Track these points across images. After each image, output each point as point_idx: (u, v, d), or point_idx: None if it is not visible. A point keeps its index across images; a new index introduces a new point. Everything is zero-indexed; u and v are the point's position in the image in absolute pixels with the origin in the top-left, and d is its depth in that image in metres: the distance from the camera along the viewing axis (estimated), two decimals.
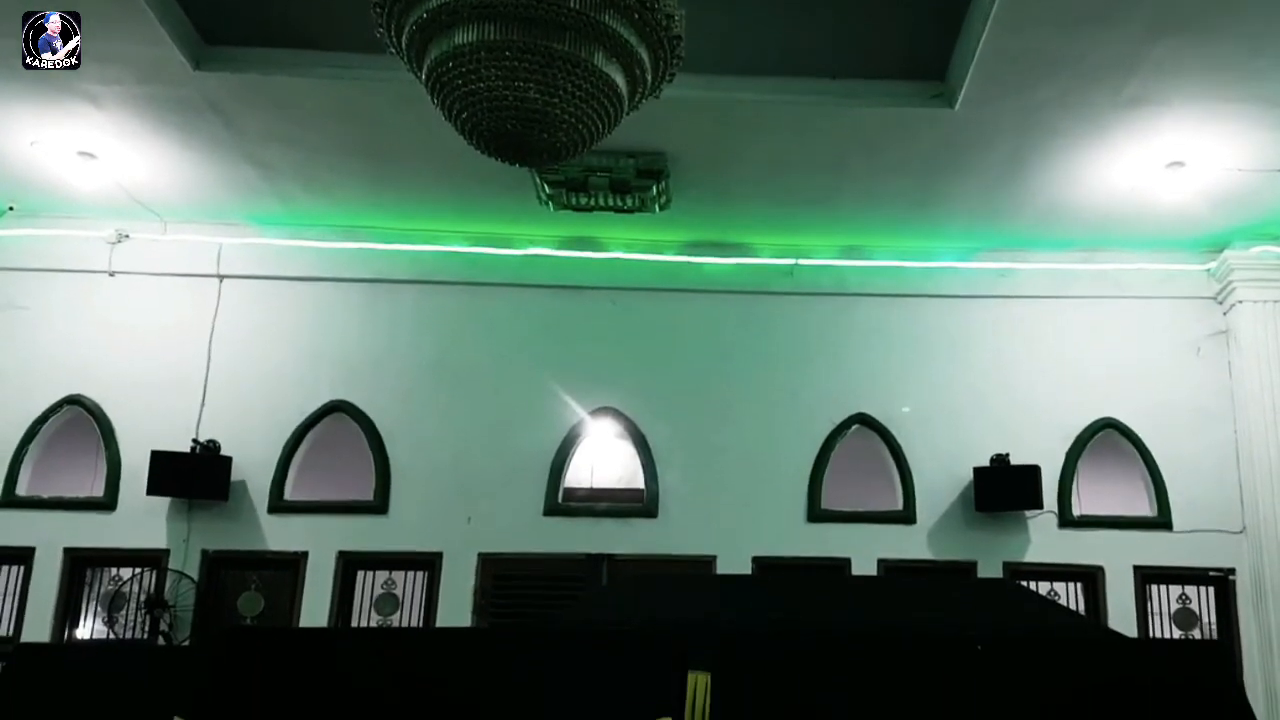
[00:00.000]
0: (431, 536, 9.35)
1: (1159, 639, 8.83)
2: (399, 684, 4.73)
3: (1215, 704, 4.70)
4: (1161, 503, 9.46)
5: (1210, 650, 6.42)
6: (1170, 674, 4.84)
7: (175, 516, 9.33)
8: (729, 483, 9.49)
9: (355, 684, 4.71)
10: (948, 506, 9.46)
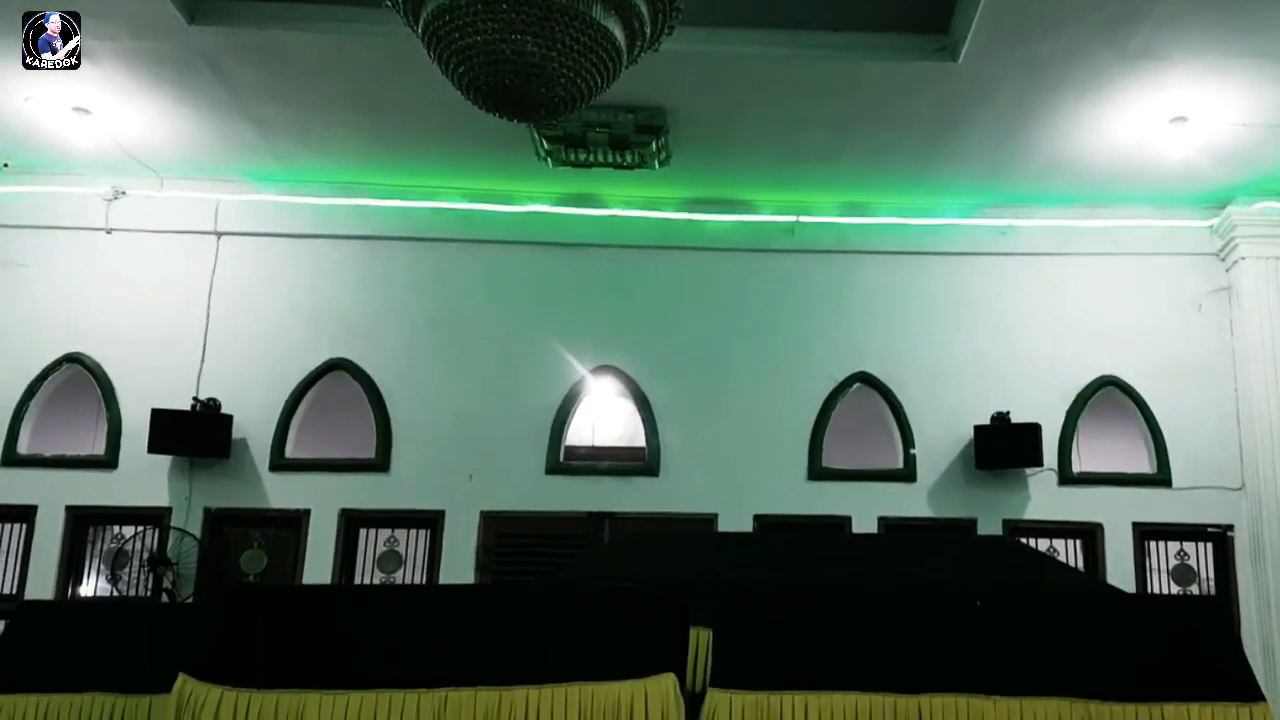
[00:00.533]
0: (433, 495, 9.38)
1: (1157, 595, 8.88)
2: (402, 641, 4.75)
3: (1213, 659, 4.73)
4: (1161, 460, 9.47)
5: (1208, 606, 6.47)
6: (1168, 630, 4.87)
7: (177, 474, 9.35)
8: (730, 441, 9.50)
9: (358, 641, 4.73)
10: (948, 464, 9.48)
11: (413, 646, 4.69)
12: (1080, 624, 4.90)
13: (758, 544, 8.01)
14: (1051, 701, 4.50)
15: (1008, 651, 4.72)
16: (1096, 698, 4.50)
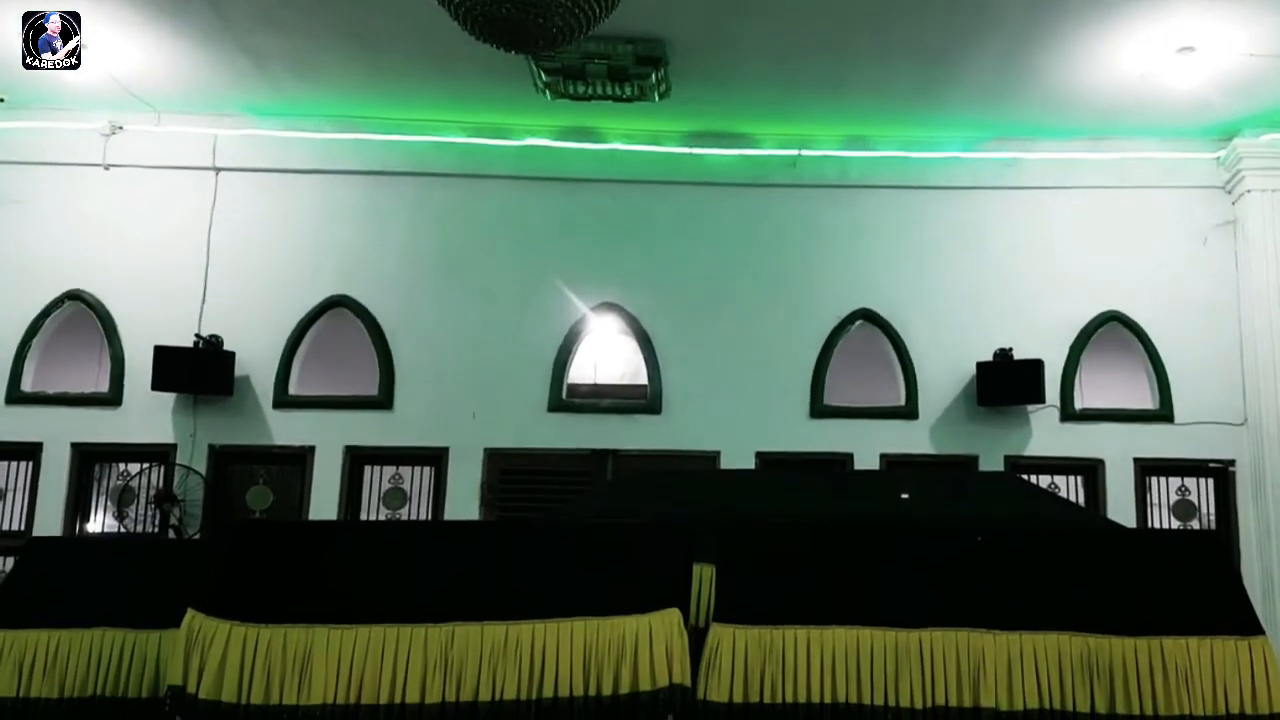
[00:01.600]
0: (437, 432, 9.41)
1: (1157, 530, 8.94)
2: (409, 576, 4.79)
3: (1212, 594, 4.77)
4: (1163, 395, 9.48)
5: (1208, 541, 6.51)
6: (1168, 564, 4.90)
7: (181, 412, 9.37)
8: (732, 378, 9.50)
9: (366, 577, 4.77)
10: (950, 401, 9.49)
11: (419, 582, 4.73)
12: (1080, 559, 4.93)
13: (760, 481, 8.05)
14: (1051, 635, 4.54)
15: (1008, 586, 4.76)
16: (1096, 631, 4.55)
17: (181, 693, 4.43)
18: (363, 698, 4.40)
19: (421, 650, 4.46)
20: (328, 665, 4.44)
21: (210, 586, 4.68)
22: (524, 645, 4.46)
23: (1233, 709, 4.40)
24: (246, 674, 4.45)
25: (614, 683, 4.40)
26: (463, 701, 4.37)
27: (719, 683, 4.39)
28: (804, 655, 4.45)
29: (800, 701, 4.38)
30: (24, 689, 4.90)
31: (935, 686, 4.43)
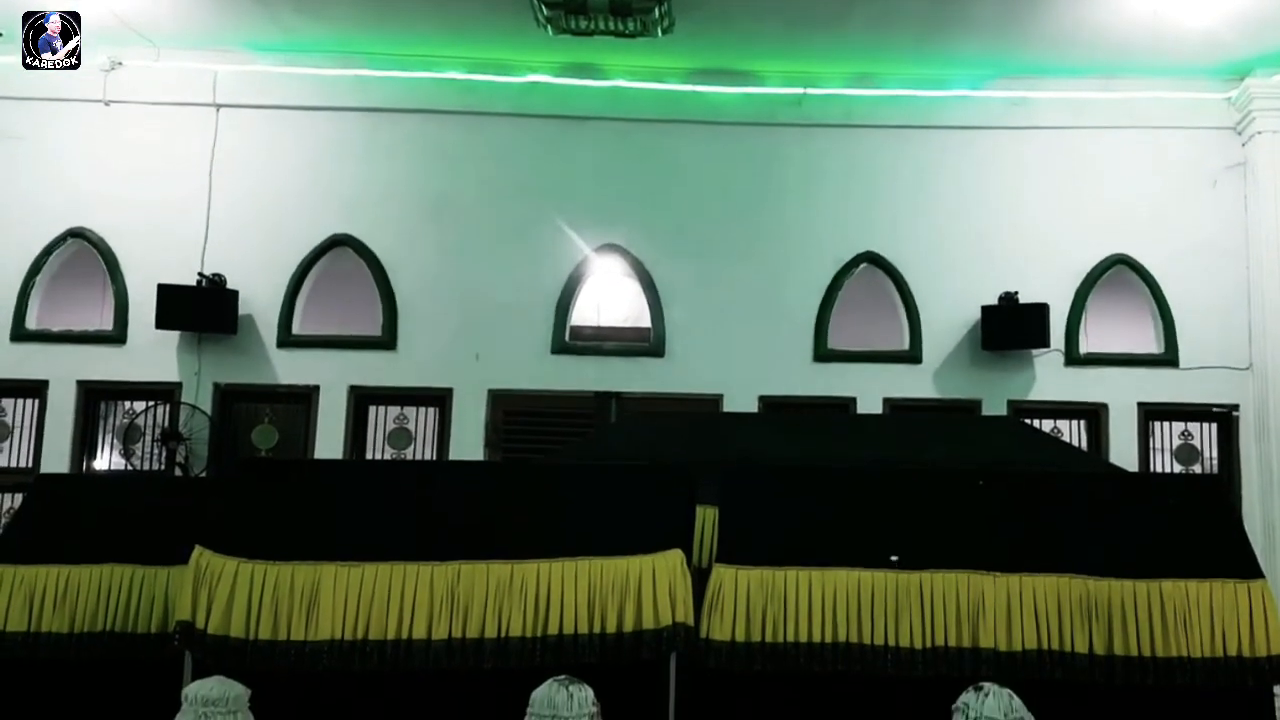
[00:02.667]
0: (441, 373, 9.42)
1: (1158, 474, 8.97)
2: (416, 515, 4.83)
3: (1213, 537, 4.80)
4: (1169, 340, 9.46)
5: (1209, 485, 6.55)
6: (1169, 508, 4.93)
7: (185, 350, 9.38)
8: (735, 322, 9.47)
9: (373, 515, 4.81)
10: (954, 346, 9.46)
11: (425, 521, 4.77)
12: (1081, 503, 4.96)
13: (764, 424, 8.08)
14: (1050, 578, 4.59)
15: (1008, 529, 4.80)
16: (1095, 574, 4.59)
17: (190, 628, 4.49)
18: (370, 634, 4.46)
19: (428, 588, 4.51)
20: (335, 602, 4.49)
21: (218, 524, 4.73)
22: (529, 584, 4.51)
23: (1230, 651, 4.45)
24: (254, 610, 4.50)
25: (618, 621, 4.46)
26: (469, 638, 4.43)
27: (721, 622, 4.45)
28: (805, 596, 4.50)
29: (801, 641, 4.43)
30: (34, 623, 4.97)
31: (935, 627, 4.49)
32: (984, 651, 4.44)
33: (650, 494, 4.85)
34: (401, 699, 4.47)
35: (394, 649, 4.43)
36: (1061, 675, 4.43)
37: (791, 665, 4.40)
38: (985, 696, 3.76)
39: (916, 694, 4.30)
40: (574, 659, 4.33)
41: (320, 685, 4.45)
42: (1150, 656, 4.46)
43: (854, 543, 4.67)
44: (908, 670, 4.41)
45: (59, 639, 4.95)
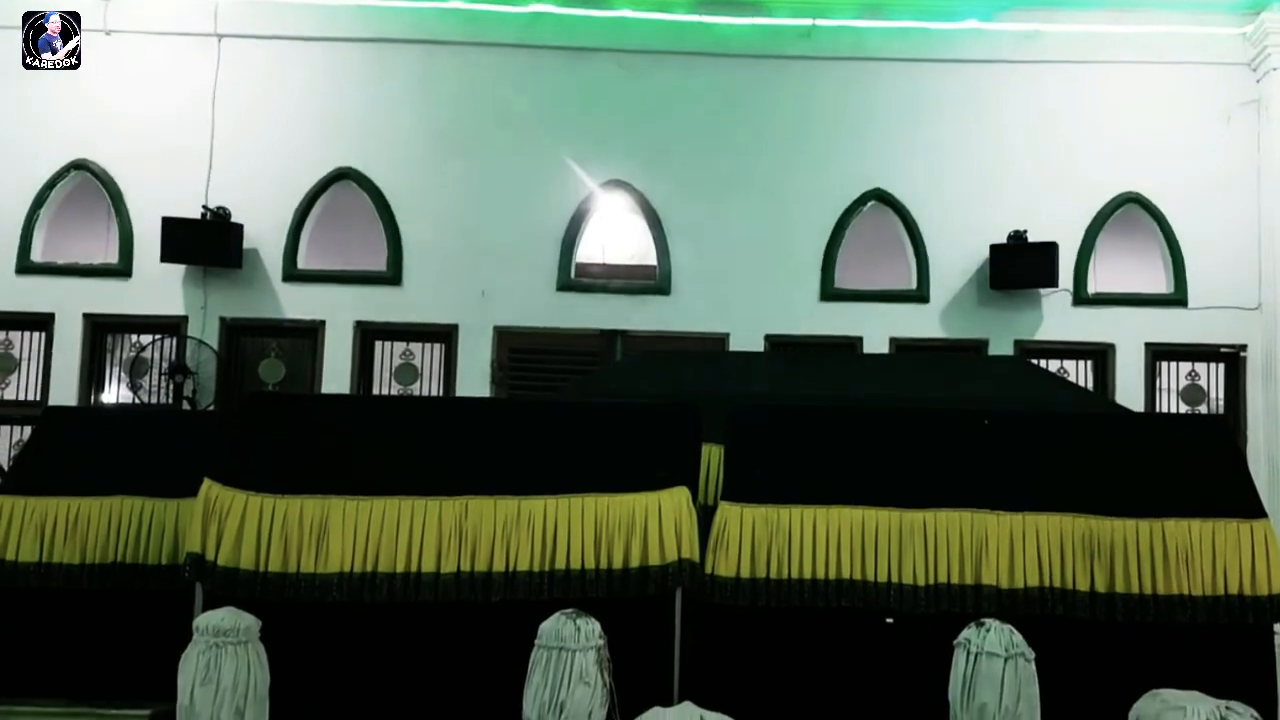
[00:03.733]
0: (446, 309, 9.40)
1: (1163, 414, 8.98)
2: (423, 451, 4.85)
3: (1217, 476, 4.82)
4: (1178, 279, 9.41)
5: (1213, 424, 6.56)
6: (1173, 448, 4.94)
7: (191, 284, 9.37)
8: (742, 260, 9.42)
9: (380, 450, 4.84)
10: (962, 285, 9.42)
11: (432, 457, 4.80)
12: (1086, 442, 4.98)
13: (770, 363, 8.08)
14: (1054, 517, 4.62)
15: (1013, 468, 4.82)
16: (1099, 513, 4.62)
17: (200, 560, 4.54)
18: (379, 566, 4.51)
19: (436, 522, 4.55)
20: (344, 535, 4.53)
21: (226, 457, 4.76)
22: (536, 519, 4.55)
23: (1231, 590, 4.49)
24: (264, 543, 4.55)
25: (624, 557, 4.50)
26: (478, 571, 4.48)
27: (726, 558, 4.50)
28: (810, 533, 4.54)
29: (805, 578, 4.48)
30: (46, 554, 5.03)
31: (938, 565, 4.53)
32: (986, 589, 4.49)
33: (656, 432, 4.87)
34: (412, 631, 4.52)
35: (403, 581, 4.48)
36: (1062, 612, 4.47)
37: (795, 601, 4.45)
38: (987, 632, 3.81)
39: (919, 630, 4.35)
40: (581, 593, 4.39)
41: (331, 617, 4.51)
42: (1151, 594, 4.50)
43: (859, 481, 4.69)
44: (910, 606, 4.45)
45: (70, 570, 5.01)
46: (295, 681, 4.10)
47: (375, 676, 4.49)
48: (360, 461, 4.76)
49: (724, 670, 4.35)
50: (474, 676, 4.37)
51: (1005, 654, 3.74)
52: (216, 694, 3.63)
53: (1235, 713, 2.10)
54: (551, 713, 3.66)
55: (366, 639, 4.53)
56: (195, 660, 3.67)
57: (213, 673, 3.65)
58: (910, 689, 4.14)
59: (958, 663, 3.80)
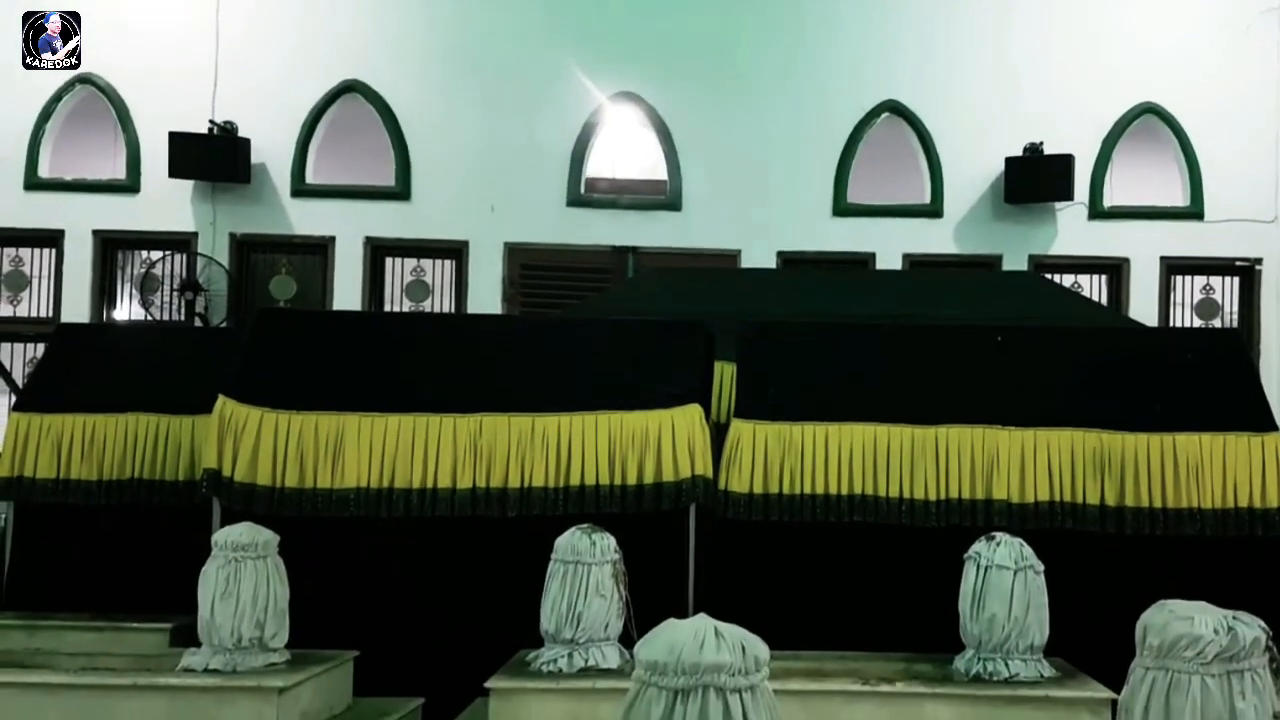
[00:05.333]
0: (456, 225, 9.35)
1: (1175, 328, 8.96)
2: (437, 368, 4.87)
3: (1228, 390, 4.82)
4: (1195, 192, 9.30)
5: (1225, 337, 6.54)
6: (1185, 362, 4.94)
7: (200, 199, 9.32)
8: (753, 175, 9.31)
9: (394, 367, 4.85)
10: (976, 199, 9.32)
11: (447, 374, 4.81)
12: (1098, 357, 4.97)
13: (782, 280, 8.05)
14: (1065, 432, 4.62)
15: (1025, 384, 4.82)
16: (1110, 428, 4.62)
17: (217, 476, 4.59)
18: (396, 482, 4.55)
19: (451, 439, 4.58)
20: (360, 451, 4.57)
21: (240, 374, 4.77)
22: (550, 436, 4.58)
23: (1240, 503, 4.52)
24: (280, 458, 4.59)
25: (638, 473, 4.54)
26: (493, 488, 4.53)
27: (739, 475, 4.53)
28: (822, 450, 4.56)
29: (818, 493, 4.51)
30: (64, 471, 5.08)
31: (949, 480, 4.55)
32: (996, 503, 4.52)
33: (669, 349, 4.87)
34: (431, 546, 4.58)
35: (420, 497, 4.53)
36: (1072, 525, 4.51)
37: (808, 516, 4.49)
38: (997, 545, 3.85)
39: (930, 544, 4.39)
40: (596, 509, 4.43)
41: (349, 532, 4.57)
42: (1161, 508, 4.53)
43: (871, 398, 4.70)
44: (921, 521, 4.49)
45: (88, 486, 5.07)
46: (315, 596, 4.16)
47: (395, 591, 4.56)
48: (374, 378, 4.78)
49: (738, 584, 4.41)
50: (492, 590, 4.44)
51: (1015, 567, 3.78)
52: (237, 608, 3.68)
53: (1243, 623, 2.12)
54: (569, 625, 3.73)
55: (386, 554, 4.60)
56: (215, 575, 3.72)
57: (232, 587, 3.70)
58: (921, 601, 4.20)
59: (968, 575, 3.84)
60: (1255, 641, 2.10)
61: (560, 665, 3.71)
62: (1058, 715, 3.56)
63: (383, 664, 4.20)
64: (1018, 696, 3.61)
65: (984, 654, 3.77)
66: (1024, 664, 3.73)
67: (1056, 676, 3.76)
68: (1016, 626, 3.73)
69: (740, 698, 1.68)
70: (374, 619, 4.45)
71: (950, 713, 3.58)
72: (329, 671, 3.90)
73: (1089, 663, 3.87)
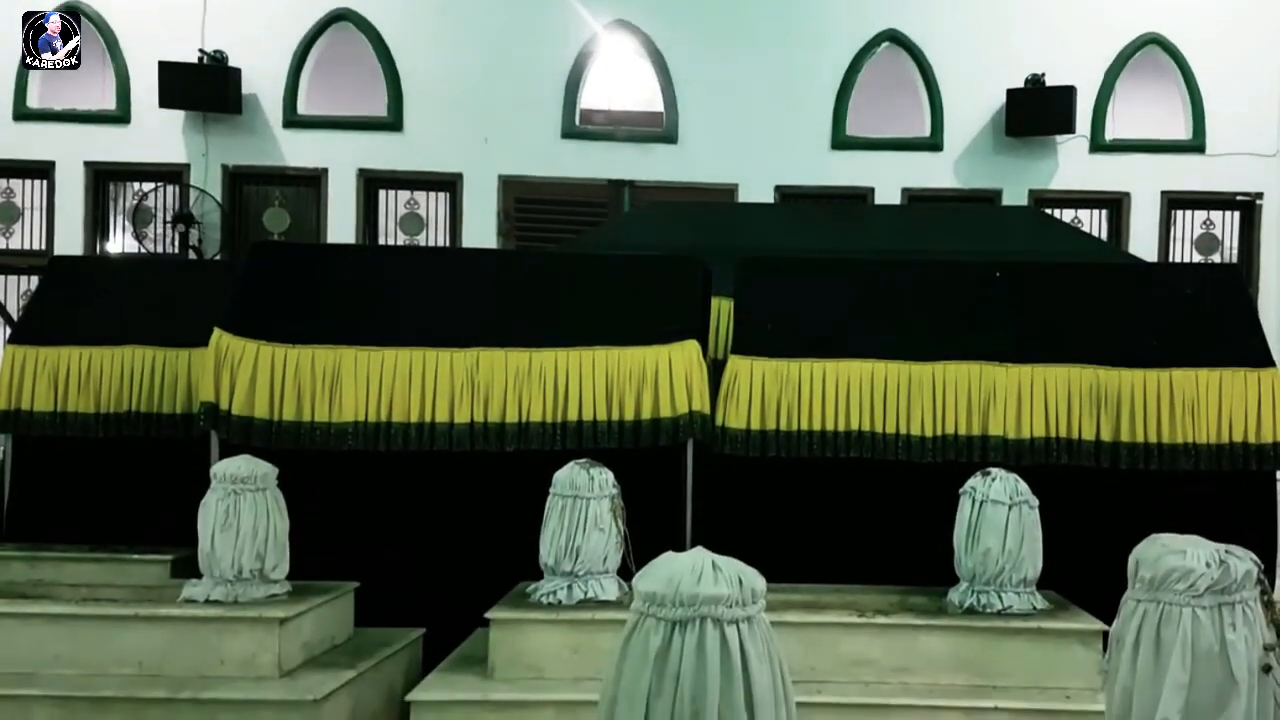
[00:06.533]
0: (450, 157, 9.25)
1: (1174, 263, 8.94)
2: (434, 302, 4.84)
3: (1226, 326, 4.81)
4: (1197, 124, 9.21)
5: (1223, 272, 6.52)
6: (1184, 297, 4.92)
7: (191, 130, 9.22)
8: (751, 107, 9.19)
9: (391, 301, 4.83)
10: (977, 132, 9.23)
11: (443, 308, 4.79)
12: (1096, 293, 4.95)
13: (780, 215, 8.00)
14: (1062, 368, 4.63)
15: (1023, 320, 4.81)
16: (1108, 364, 4.62)
17: (215, 409, 4.58)
18: (394, 416, 4.56)
19: (448, 373, 4.58)
20: (357, 385, 4.57)
21: (236, 307, 4.75)
22: (547, 372, 4.57)
23: (1236, 437, 4.54)
24: (277, 392, 4.58)
25: (635, 409, 4.55)
26: (491, 422, 4.53)
27: (737, 411, 4.53)
28: (819, 386, 4.56)
29: (815, 429, 4.53)
30: (61, 404, 5.09)
31: (946, 416, 4.56)
32: (992, 439, 4.53)
33: (666, 285, 4.85)
34: (431, 480, 4.60)
35: (418, 431, 4.54)
36: (1067, 461, 4.53)
37: (805, 452, 4.51)
38: (992, 481, 3.87)
39: (926, 479, 4.41)
40: (594, 444, 4.44)
41: (347, 466, 4.58)
42: (1156, 443, 4.55)
43: (868, 334, 4.69)
44: (918, 457, 4.51)
45: (86, 419, 5.08)
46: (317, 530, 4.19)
47: (396, 524, 4.59)
48: (370, 312, 4.76)
49: (735, 519, 4.44)
50: (492, 524, 4.46)
51: (1009, 502, 3.80)
52: (237, 539, 3.71)
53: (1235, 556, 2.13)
54: (568, 558, 3.76)
55: (388, 488, 4.62)
56: (215, 507, 3.73)
57: (232, 519, 3.72)
58: (916, 536, 4.23)
59: (963, 510, 3.87)
60: (1247, 574, 2.11)
61: (560, 597, 3.75)
62: (1049, 646, 3.61)
63: (384, 596, 4.24)
64: (1010, 628, 3.66)
65: (978, 587, 3.81)
66: (1017, 597, 3.77)
67: (1049, 609, 3.80)
68: (1010, 560, 3.76)
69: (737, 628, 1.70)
70: (376, 552, 4.48)
71: (944, 644, 3.63)
72: (330, 602, 3.93)
73: (1081, 596, 3.91)
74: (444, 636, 4.05)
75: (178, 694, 3.38)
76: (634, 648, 1.72)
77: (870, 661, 3.61)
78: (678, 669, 1.67)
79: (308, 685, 3.46)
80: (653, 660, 1.68)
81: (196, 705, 3.36)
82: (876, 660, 3.61)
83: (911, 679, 3.59)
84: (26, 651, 3.54)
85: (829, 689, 3.50)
